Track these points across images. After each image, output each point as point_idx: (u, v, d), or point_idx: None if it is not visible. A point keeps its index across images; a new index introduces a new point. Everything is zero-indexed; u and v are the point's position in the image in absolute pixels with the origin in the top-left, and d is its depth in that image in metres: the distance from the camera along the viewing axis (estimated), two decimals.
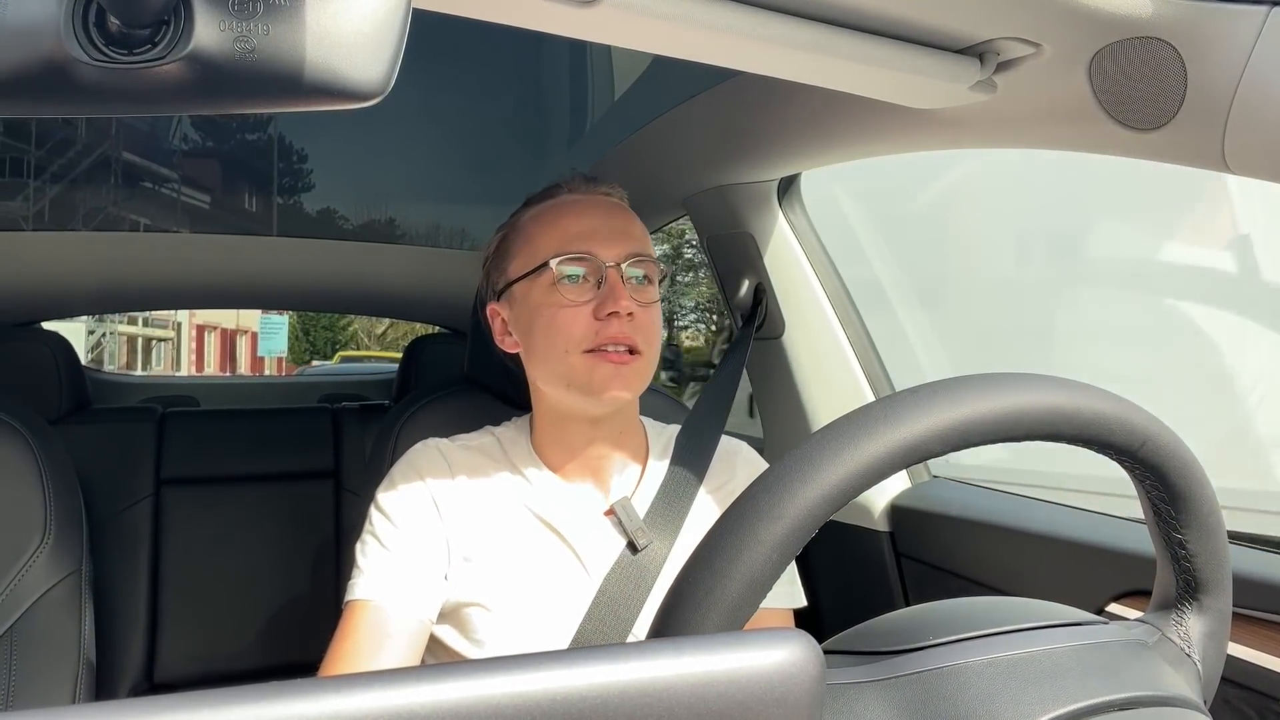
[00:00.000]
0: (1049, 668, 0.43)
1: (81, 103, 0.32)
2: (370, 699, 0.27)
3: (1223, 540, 0.52)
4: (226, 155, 2.58)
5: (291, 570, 1.70)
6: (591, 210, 0.96)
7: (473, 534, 0.92)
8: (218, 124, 2.45)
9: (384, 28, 0.33)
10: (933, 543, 1.29)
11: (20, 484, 1.13)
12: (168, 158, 2.45)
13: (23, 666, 1.08)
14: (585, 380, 0.90)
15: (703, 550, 0.42)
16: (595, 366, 0.90)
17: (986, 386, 0.44)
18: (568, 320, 0.91)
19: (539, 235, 0.96)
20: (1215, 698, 0.55)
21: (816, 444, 0.42)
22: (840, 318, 1.44)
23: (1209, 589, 0.53)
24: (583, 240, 0.93)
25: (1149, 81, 0.73)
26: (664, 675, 0.30)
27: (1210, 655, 0.53)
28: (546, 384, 0.96)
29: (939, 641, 0.44)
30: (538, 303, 0.93)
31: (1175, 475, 0.48)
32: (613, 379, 0.90)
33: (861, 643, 0.46)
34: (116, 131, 2.30)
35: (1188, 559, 0.52)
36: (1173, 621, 0.53)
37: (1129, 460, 0.48)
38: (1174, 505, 0.50)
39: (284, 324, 17.15)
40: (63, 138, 2.29)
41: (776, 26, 0.73)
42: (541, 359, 0.94)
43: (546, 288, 0.93)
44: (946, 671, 0.43)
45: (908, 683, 0.42)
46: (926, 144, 1.06)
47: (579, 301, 0.91)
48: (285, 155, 2.36)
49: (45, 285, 1.96)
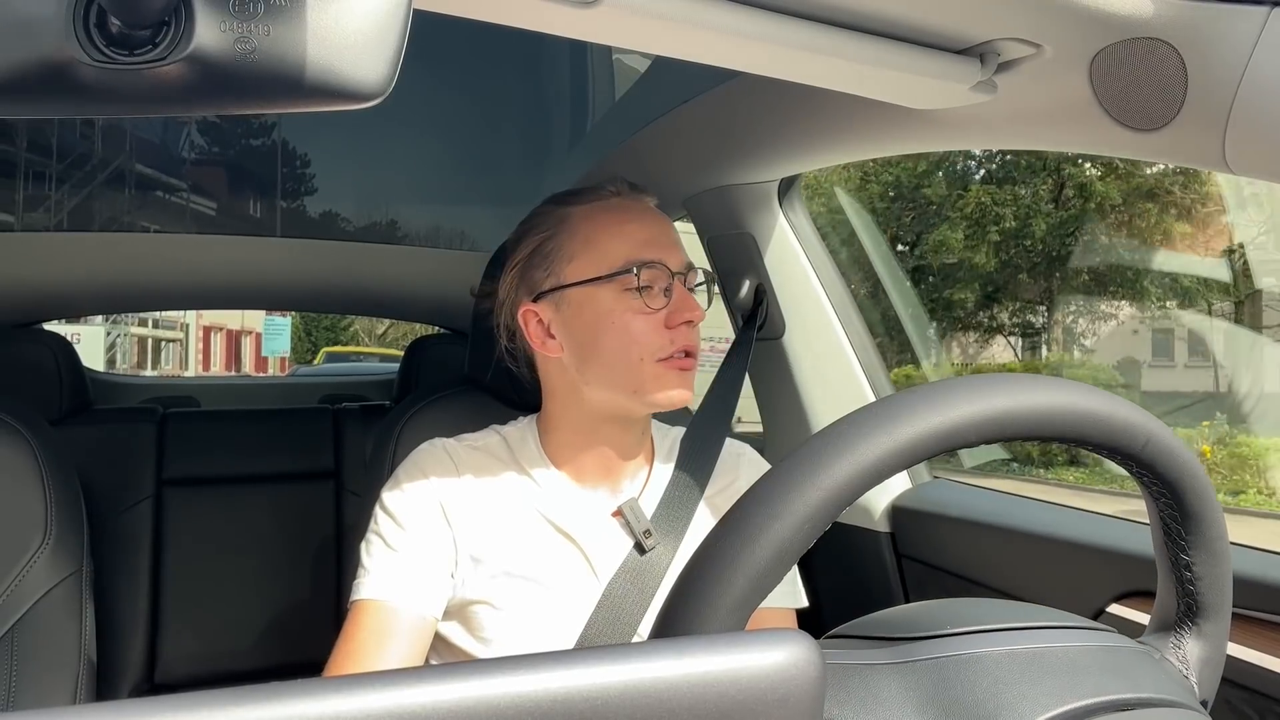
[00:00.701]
0: (1066, 663, 0.44)
1: (82, 103, 0.32)
2: (372, 699, 0.27)
3: (1228, 566, 0.52)
4: (229, 156, 2.58)
5: (292, 571, 1.70)
6: (649, 217, 0.98)
7: (480, 534, 0.92)
8: (221, 127, 2.45)
9: (385, 29, 0.33)
10: (933, 543, 1.29)
11: (21, 485, 1.13)
12: (171, 158, 2.45)
13: (23, 667, 1.08)
14: (655, 388, 0.92)
15: (702, 554, 0.42)
16: (666, 375, 0.92)
17: (985, 387, 0.44)
18: (644, 329, 0.92)
19: (605, 239, 0.94)
20: (1215, 698, 0.55)
21: (816, 446, 0.42)
22: (841, 318, 1.44)
23: (1209, 614, 0.53)
24: (653, 248, 0.94)
25: (1150, 82, 0.73)
26: (665, 675, 0.30)
27: (1206, 679, 0.54)
28: (604, 388, 0.94)
29: (957, 631, 0.45)
30: (606, 309, 0.93)
31: (1190, 495, 0.48)
32: (679, 385, 0.93)
33: (880, 628, 0.46)
34: (130, 143, 2.31)
35: (1192, 582, 0.52)
36: (1171, 644, 0.54)
37: (1147, 473, 0.48)
38: (1184, 525, 0.50)
39: (287, 325, 17.85)
40: (80, 151, 2.31)
41: (777, 27, 0.73)
42: (608, 365, 0.93)
43: (618, 293, 0.92)
44: (963, 659, 0.43)
45: (924, 667, 0.43)
46: (927, 144, 1.06)
47: (654, 309, 0.92)
48: (289, 159, 2.36)
49: (45, 286, 1.96)
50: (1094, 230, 9.51)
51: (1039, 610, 0.50)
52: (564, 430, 0.99)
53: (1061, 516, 1.15)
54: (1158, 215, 8.97)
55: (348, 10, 0.33)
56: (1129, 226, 9.47)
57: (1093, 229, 9.25)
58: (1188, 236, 9.10)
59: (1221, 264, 9.17)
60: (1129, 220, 9.45)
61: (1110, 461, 0.48)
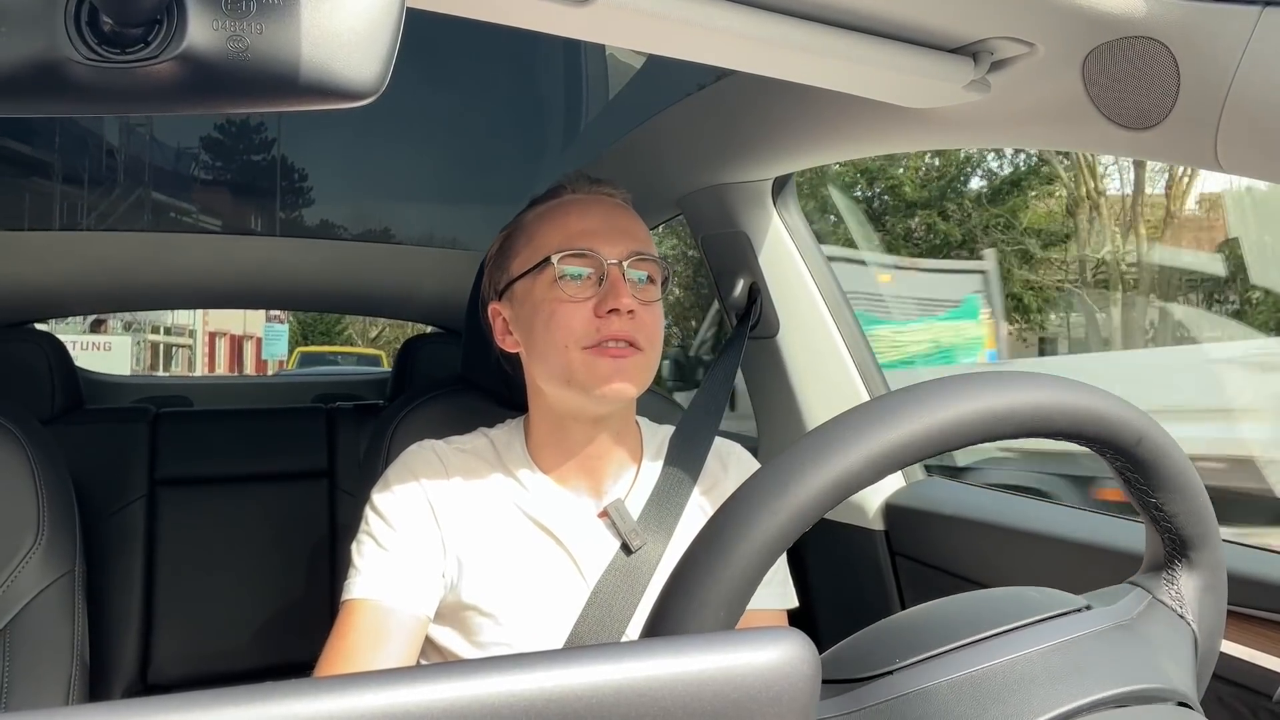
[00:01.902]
0: (1015, 678, 0.43)
1: (75, 102, 0.32)
2: (365, 699, 0.27)
3: (1201, 497, 0.52)
4: (227, 155, 2.57)
5: (286, 570, 1.69)
6: (594, 209, 0.97)
7: (468, 537, 0.92)
8: (223, 142, 2.45)
9: (378, 27, 0.33)
10: (927, 541, 1.29)
11: (13, 485, 1.13)
12: (164, 155, 2.44)
13: (16, 668, 1.07)
14: (585, 377, 0.90)
15: (692, 552, 0.42)
16: (595, 363, 0.90)
17: (966, 388, 0.44)
18: (569, 316, 0.91)
19: (541, 233, 0.96)
20: (1209, 694, 0.55)
21: (807, 446, 0.43)
22: (835, 317, 1.44)
23: (1196, 544, 0.53)
24: (585, 238, 0.93)
25: (1142, 81, 0.73)
26: (659, 674, 0.30)
27: (1208, 608, 0.53)
28: (547, 382, 0.95)
29: (903, 664, 0.44)
30: (539, 299, 0.93)
31: (1133, 447, 0.49)
32: (613, 375, 0.90)
33: (832, 669, 0.46)
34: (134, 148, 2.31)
35: (1168, 519, 0.52)
36: (1164, 581, 0.54)
37: (1078, 441, 0.48)
38: (1141, 473, 0.50)
39: (285, 330, 19.97)
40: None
41: (770, 26, 0.73)
42: (542, 356, 0.94)
43: (548, 284, 0.93)
44: (913, 697, 0.43)
45: (875, 713, 0.43)
46: (920, 143, 1.06)
47: (580, 298, 0.91)
48: (286, 163, 2.36)
49: (39, 285, 1.95)
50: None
51: (1003, 602, 0.50)
52: (540, 430, 0.99)
53: (1055, 513, 1.15)
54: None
55: (340, 8, 0.32)
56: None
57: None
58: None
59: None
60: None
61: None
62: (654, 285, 0.96)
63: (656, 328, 0.95)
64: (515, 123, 2.41)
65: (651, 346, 0.93)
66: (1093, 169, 11.15)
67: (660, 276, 0.96)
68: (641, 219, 1.00)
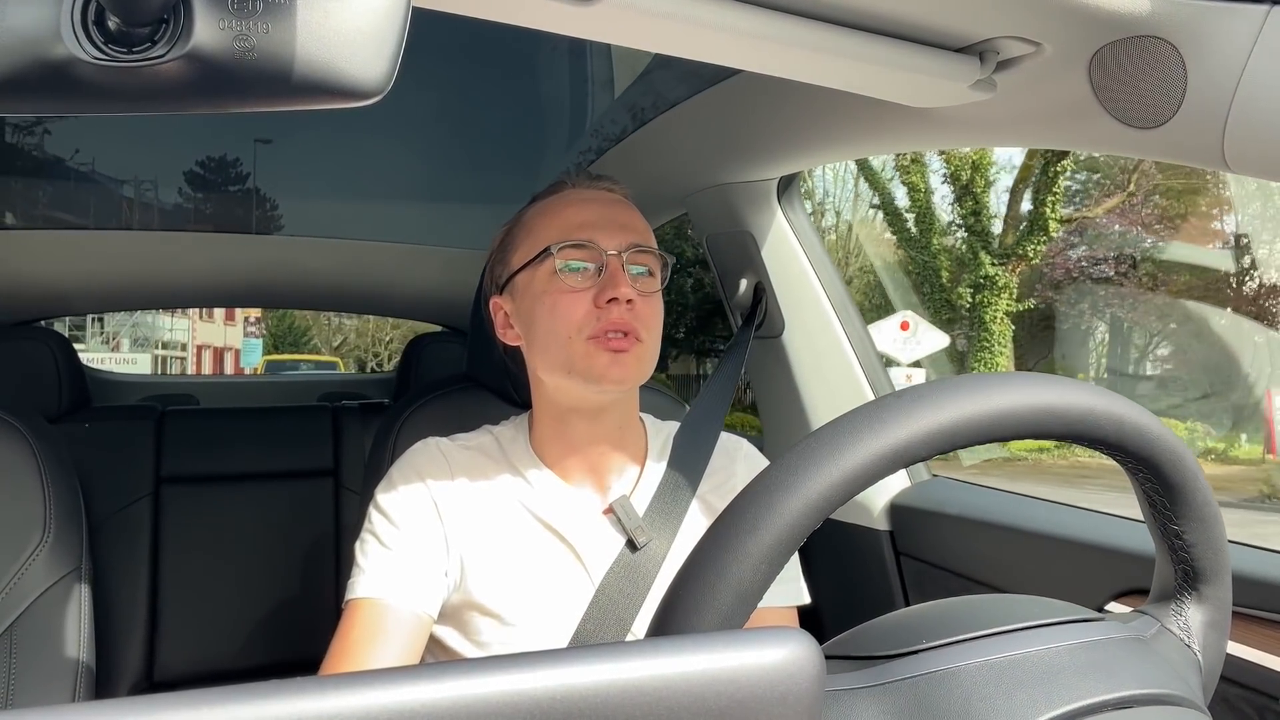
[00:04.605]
0: (1043, 668, 0.43)
1: (81, 101, 0.32)
2: (369, 697, 0.27)
3: (1220, 530, 0.52)
4: (226, 154, 2.57)
5: (291, 569, 1.69)
6: (594, 202, 0.97)
7: (472, 534, 0.92)
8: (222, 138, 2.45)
9: (384, 26, 0.33)
10: (932, 542, 1.29)
11: (20, 483, 1.13)
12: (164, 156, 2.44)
13: (22, 665, 1.08)
14: (586, 366, 0.91)
15: (700, 550, 0.42)
16: (595, 352, 0.90)
17: (972, 388, 0.44)
18: (568, 306, 0.91)
19: (541, 226, 0.97)
20: (1215, 696, 0.55)
21: (805, 450, 0.42)
22: (840, 316, 1.44)
23: (1208, 578, 0.53)
24: (584, 229, 0.93)
25: (1149, 80, 0.73)
26: (664, 674, 0.30)
27: (1211, 644, 0.53)
28: (547, 373, 0.95)
29: (932, 645, 0.44)
30: (539, 291, 0.94)
31: (1168, 468, 0.49)
32: (612, 365, 0.91)
33: (856, 647, 0.46)
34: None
35: (1185, 549, 0.52)
36: (1172, 612, 0.54)
37: (1119, 453, 0.48)
38: (1168, 497, 0.50)
39: (259, 343, 26.24)
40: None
41: (776, 25, 0.73)
42: (543, 346, 0.94)
43: (548, 276, 0.93)
44: (939, 675, 0.43)
45: (901, 687, 0.43)
46: (926, 143, 1.06)
47: (580, 288, 0.92)
48: (288, 164, 2.35)
49: (44, 284, 1.96)
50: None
51: (1025, 605, 0.50)
52: (543, 424, 0.99)
53: (1060, 515, 1.15)
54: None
55: (346, 7, 0.32)
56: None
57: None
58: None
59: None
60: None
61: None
62: (654, 278, 0.97)
63: (656, 318, 0.95)
64: (521, 121, 2.41)
65: (651, 337, 0.94)
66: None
67: (660, 269, 0.97)
68: (643, 214, 1.00)
